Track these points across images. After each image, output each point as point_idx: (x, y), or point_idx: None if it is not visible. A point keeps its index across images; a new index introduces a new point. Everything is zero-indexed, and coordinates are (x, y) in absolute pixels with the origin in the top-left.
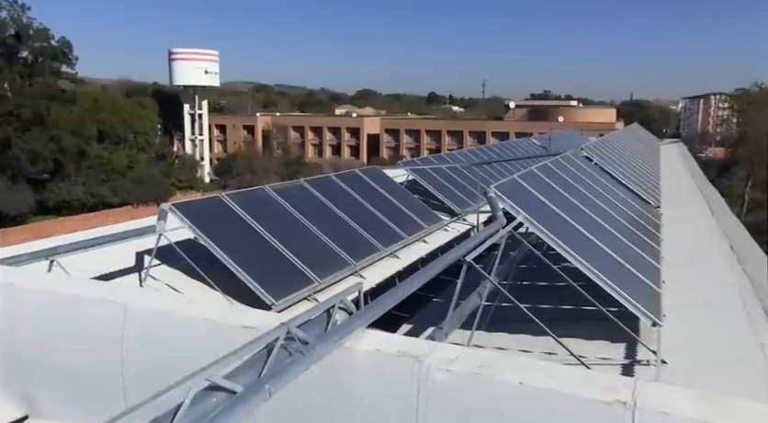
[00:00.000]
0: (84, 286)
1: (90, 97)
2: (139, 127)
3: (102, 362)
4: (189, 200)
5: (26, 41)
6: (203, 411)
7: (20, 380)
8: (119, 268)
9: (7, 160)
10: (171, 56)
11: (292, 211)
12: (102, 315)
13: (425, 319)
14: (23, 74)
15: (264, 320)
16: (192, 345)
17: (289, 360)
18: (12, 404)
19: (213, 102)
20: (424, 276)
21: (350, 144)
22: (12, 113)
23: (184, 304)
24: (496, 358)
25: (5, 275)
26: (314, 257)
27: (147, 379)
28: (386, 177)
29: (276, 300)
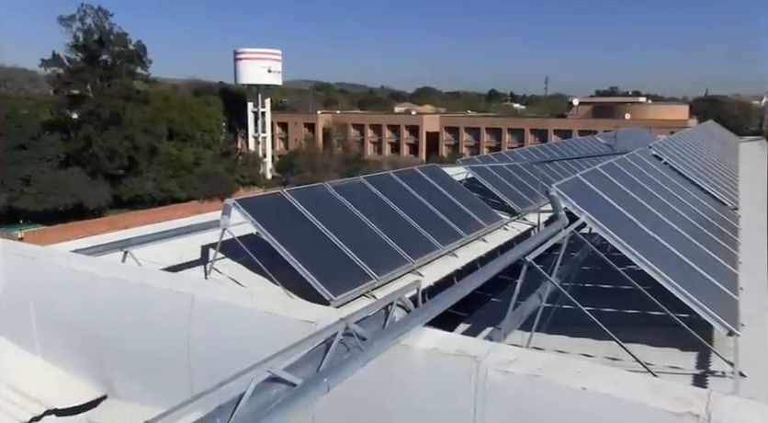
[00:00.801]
0: (153, 277)
1: (161, 97)
2: (205, 125)
3: (170, 349)
4: (252, 196)
5: (107, 46)
6: (264, 401)
7: (99, 362)
8: (186, 260)
9: (88, 157)
10: (236, 56)
11: (351, 208)
12: (170, 305)
13: (483, 319)
14: (103, 77)
15: (323, 315)
16: (253, 336)
17: (347, 356)
18: (92, 384)
19: (276, 100)
20: (483, 275)
21: (409, 142)
22: (93, 113)
23: (246, 297)
24: (557, 361)
25: (84, 264)
26: (372, 254)
27: (211, 366)
28: (445, 174)
29: (334, 296)
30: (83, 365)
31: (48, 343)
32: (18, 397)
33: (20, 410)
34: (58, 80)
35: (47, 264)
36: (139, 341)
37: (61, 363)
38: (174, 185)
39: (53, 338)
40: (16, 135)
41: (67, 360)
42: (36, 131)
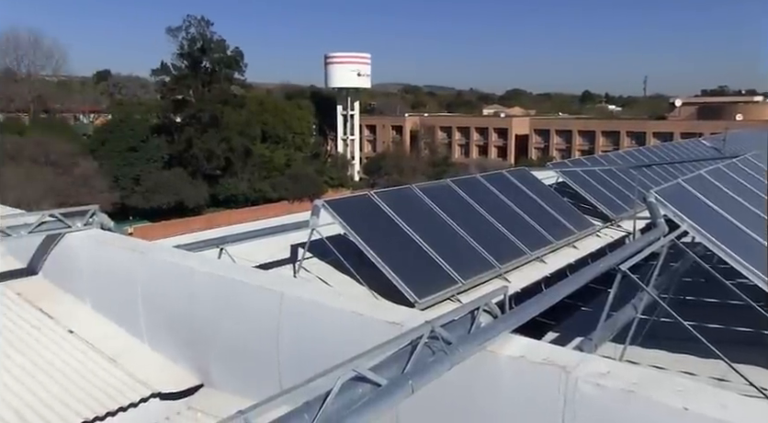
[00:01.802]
0: (246, 273)
1: (256, 101)
2: (296, 127)
3: (260, 344)
4: (340, 198)
5: (208, 53)
6: (350, 400)
7: (197, 352)
8: (276, 258)
9: (189, 158)
10: (326, 60)
11: (438, 211)
12: (261, 301)
13: (573, 328)
14: (204, 82)
15: (408, 317)
16: (339, 335)
17: (432, 359)
18: (190, 372)
19: (364, 103)
20: (574, 283)
21: (497, 145)
22: (194, 116)
23: (333, 297)
24: (654, 377)
25: (185, 259)
26: (458, 257)
27: (298, 362)
28: (534, 178)
29: (419, 298)
30: (183, 354)
31: (153, 331)
32: (130, 379)
33: (131, 391)
34: (164, 87)
35: (153, 258)
36: (232, 334)
37: (164, 351)
38: (266, 185)
39: (158, 327)
40: (129, 138)
41: (169, 348)
42: (145, 134)
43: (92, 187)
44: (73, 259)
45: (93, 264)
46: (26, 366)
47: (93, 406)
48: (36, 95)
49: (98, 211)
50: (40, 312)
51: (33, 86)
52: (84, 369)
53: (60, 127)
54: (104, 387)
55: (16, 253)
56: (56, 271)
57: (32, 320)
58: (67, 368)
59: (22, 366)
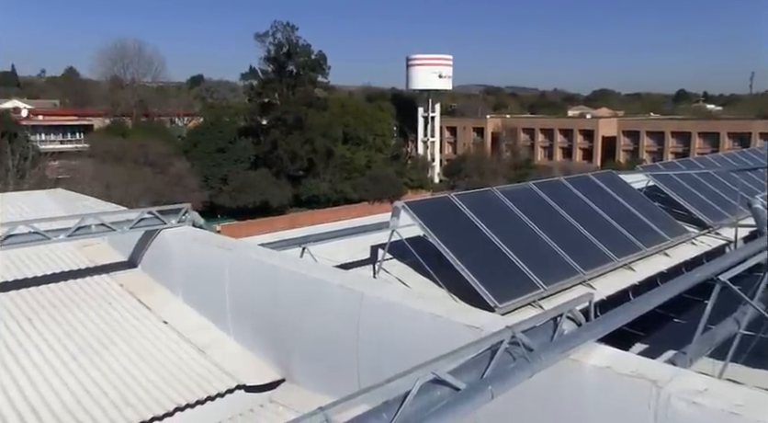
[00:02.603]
0: (328, 273)
1: (338, 103)
2: (377, 129)
3: (340, 342)
4: (420, 199)
5: (293, 57)
6: (428, 402)
7: (279, 347)
8: (357, 258)
9: (274, 159)
10: (408, 62)
11: (519, 214)
12: (342, 301)
13: (664, 341)
14: (289, 85)
15: (488, 321)
16: (418, 337)
17: (513, 365)
18: (274, 367)
19: (445, 105)
20: (666, 292)
21: (583, 147)
22: (279, 119)
23: (413, 298)
24: (762, 399)
25: (269, 257)
26: (540, 262)
27: (377, 362)
28: (622, 181)
29: (499, 302)
30: (266, 348)
31: (238, 325)
32: (217, 370)
33: (218, 382)
34: (252, 90)
35: (240, 255)
36: (313, 332)
37: (248, 344)
38: (347, 186)
39: (243, 321)
40: (218, 140)
41: (253, 342)
42: (233, 135)
43: (185, 186)
44: (167, 254)
45: (185, 259)
46: (127, 352)
47: (184, 394)
48: (138, 100)
49: (190, 210)
50: (139, 302)
51: (136, 92)
52: (176, 358)
53: (158, 130)
54: (194, 376)
55: (119, 247)
56: (152, 265)
57: (132, 310)
58: (162, 356)
59: (124, 352)
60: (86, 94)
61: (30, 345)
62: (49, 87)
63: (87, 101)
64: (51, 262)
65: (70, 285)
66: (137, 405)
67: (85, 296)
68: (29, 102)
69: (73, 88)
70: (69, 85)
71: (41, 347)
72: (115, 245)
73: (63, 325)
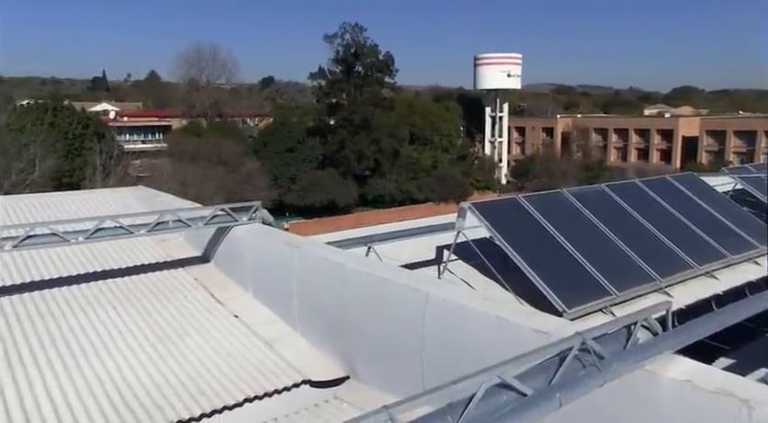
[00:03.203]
0: (393, 272)
1: (405, 103)
2: (444, 129)
3: (405, 342)
4: (487, 201)
5: (361, 58)
6: (493, 407)
7: (344, 344)
8: (422, 259)
9: (341, 159)
10: (476, 61)
11: (590, 217)
12: (407, 300)
13: (753, 356)
14: (356, 86)
15: (556, 326)
16: (483, 340)
17: (583, 373)
18: (338, 363)
19: (513, 105)
20: (755, 304)
21: (660, 148)
22: (347, 119)
23: (478, 300)
24: None
25: (336, 255)
26: (612, 267)
27: (441, 363)
28: (704, 184)
29: (568, 308)
30: (331, 345)
31: (305, 321)
32: (284, 364)
33: (285, 376)
34: (320, 91)
35: (307, 252)
36: (378, 330)
37: (314, 341)
38: (412, 186)
39: (309, 317)
40: (287, 140)
41: (319, 338)
42: (301, 135)
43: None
44: (238, 250)
45: (255, 255)
46: (201, 344)
47: (253, 386)
48: (213, 101)
49: (260, 207)
50: (211, 296)
51: (211, 94)
52: (246, 351)
53: (230, 130)
54: (262, 369)
55: (193, 242)
56: (224, 260)
57: (205, 303)
58: (232, 349)
59: (198, 344)
60: (166, 96)
61: (116, 333)
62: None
63: (167, 103)
64: (133, 255)
65: (149, 277)
66: (210, 395)
67: (163, 288)
68: (116, 105)
69: (155, 91)
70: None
71: (125, 335)
72: (190, 240)
73: (144, 314)
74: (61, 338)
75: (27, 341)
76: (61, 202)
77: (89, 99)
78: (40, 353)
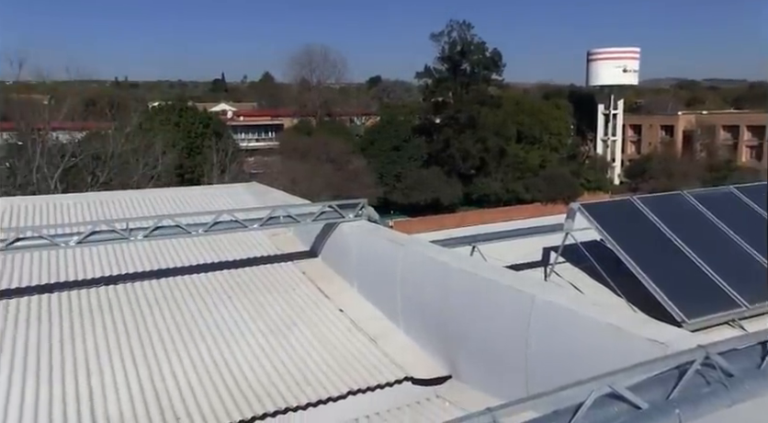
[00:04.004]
0: (498, 273)
1: (513, 101)
2: (553, 128)
3: (508, 344)
4: (598, 202)
5: (467, 56)
6: (603, 417)
7: (447, 343)
8: (527, 260)
9: (445, 158)
10: (589, 57)
11: (715, 221)
12: (511, 302)
13: None
14: (462, 84)
15: (674, 337)
16: (592, 346)
17: (707, 390)
18: (440, 362)
19: (629, 101)
20: None
21: None
22: (452, 117)
23: (587, 305)
24: None
25: (440, 254)
26: (741, 276)
27: (546, 368)
28: None
29: (688, 318)
30: (434, 343)
31: (408, 318)
32: (386, 360)
33: (387, 371)
34: (426, 89)
35: (411, 251)
36: (482, 331)
37: (417, 338)
38: (519, 186)
39: (412, 315)
40: (393, 138)
41: (422, 336)
42: (407, 134)
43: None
44: (344, 246)
45: (360, 251)
46: (308, 336)
47: (356, 379)
48: (322, 101)
49: (366, 205)
50: (318, 290)
51: (321, 94)
52: (350, 344)
53: (339, 129)
54: (365, 364)
55: (302, 237)
56: (331, 255)
57: (312, 296)
58: (337, 342)
59: (305, 335)
60: (279, 96)
61: (231, 321)
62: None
63: (279, 103)
64: (247, 248)
65: (261, 270)
66: (315, 386)
67: (273, 281)
68: (234, 105)
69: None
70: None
71: (239, 324)
72: (299, 235)
73: (255, 305)
74: (183, 323)
75: (156, 325)
76: (182, 196)
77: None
78: (166, 335)
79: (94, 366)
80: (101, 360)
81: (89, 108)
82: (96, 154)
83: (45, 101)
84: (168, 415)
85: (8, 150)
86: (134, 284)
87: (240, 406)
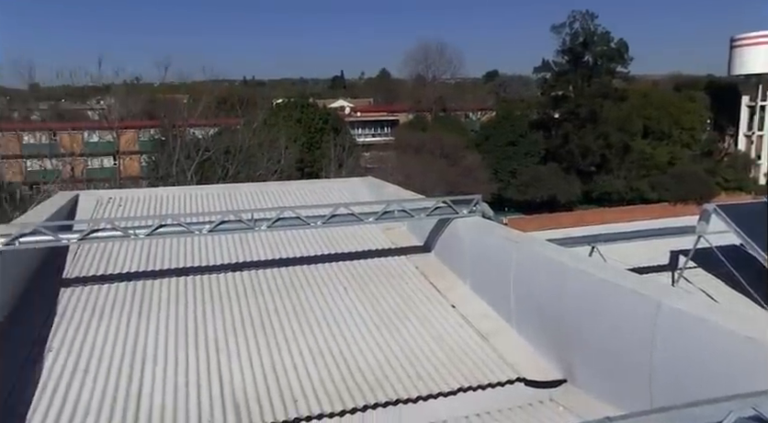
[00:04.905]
0: (619, 275)
1: (639, 94)
2: (685, 122)
3: (630, 352)
4: (738, 203)
5: (590, 47)
6: None
7: (562, 346)
8: (652, 263)
9: (564, 154)
10: (733, 43)
11: None
12: (634, 307)
13: None
14: (584, 77)
15: None
16: (728, 363)
17: None
18: (554, 365)
19: None
20: None
21: None
22: (572, 112)
23: (722, 315)
24: None
25: (556, 253)
26: None
27: (673, 380)
28: None
29: None
30: (548, 345)
31: (521, 318)
32: (498, 360)
33: (499, 371)
34: (545, 83)
35: (526, 249)
36: (600, 336)
37: (530, 339)
38: (644, 184)
39: (526, 315)
40: (509, 133)
41: (535, 337)
42: (524, 129)
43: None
44: (457, 242)
45: (473, 248)
46: (419, 330)
47: (467, 376)
48: (438, 96)
49: (481, 201)
50: (431, 285)
51: (436, 89)
52: (461, 341)
53: (453, 124)
54: (476, 361)
55: (416, 232)
56: (444, 251)
57: (424, 291)
58: (448, 338)
59: (417, 329)
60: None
61: (346, 312)
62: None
63: (395, 98)
64: (362, 241)
65: (375, 262)
66: (426, 380)
67: (387, 274)
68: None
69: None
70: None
71: (353, 314)
72: (413, 229)
73: (369, 297)
74: (301, 311)
75: (276, 311)
76: (303, 189)
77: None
78: (285, 321)
79: (222, 344)
80: (228, 339)
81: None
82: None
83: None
84: (286, 395)
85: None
86: (257, 272)
87: (353, 394)
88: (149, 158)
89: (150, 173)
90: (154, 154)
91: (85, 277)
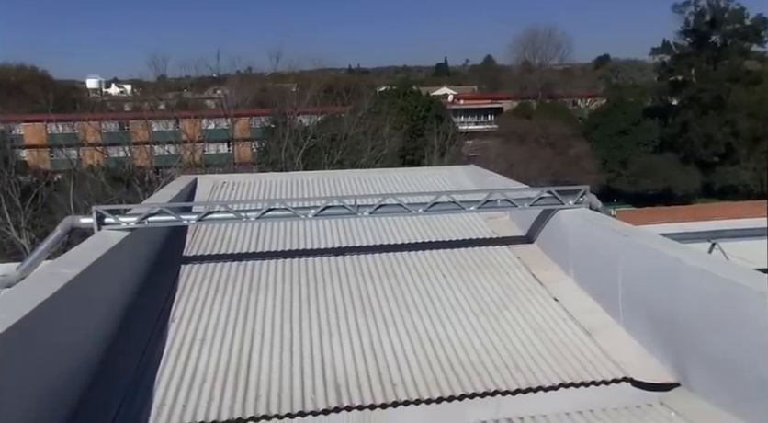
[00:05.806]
0: (744, 275)
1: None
2: None
3: (750, 358)
4: None
5: (718, 26)
6: None
7: (675, 347)
8: None
9: (682, 143)
10: None
11: None
12: (762, 311)
13: None
14: (709, 59)
15: None
16: None
17: None
18: (665, 366)
19: None
20: None
21: None
22: (693, 98)
23: None
24: None
25: (670, 249)
26: None
27: None
28: None
29: None
30: (659, 346)
31: (629, 315)
32: (603, 357)
33: (603, 368)
34: (662, 67)
35: (636, 243)
36: (720, 340)
37: (639, 337)
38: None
39: (634, 312)
40: (621, 121)
41: (645, 336)
42: (637, 117)
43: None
44: (562, 233)
45: (579, 240)
46: (519, 321)
47: (569, 372)
48: (544, 83)
49: (588, 192)
50: (532, 276)
51: (542, 75)
52: (563, 335)
53: (560, 111)
54: (579, 357)
55: (518, 221)
56: (548, 242)
57: (526, 282)
58: (550, 331)
59: (517, 320)
60: (499, 79)
61: (444, 298)
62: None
63: (500, 85)
64: (463, 229)
65: (476, 251)
66: (525, 372)
67: (487, 263)
68: (455, 88)
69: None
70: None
71: (452, 302)
72: (515, 219)
73: (469, 285)
74: (401, 296)
75: (376, 295)
76: (405, 177)
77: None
78: (385, 306)
79: (324, 325)
80: (330, 320)
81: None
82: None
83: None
84: (385, 378)
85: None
86: (359, 256)
87: (450, 382)
88: (260, 144)
89: (260, 158)
90: (265, 140)
91: (202, 255)
